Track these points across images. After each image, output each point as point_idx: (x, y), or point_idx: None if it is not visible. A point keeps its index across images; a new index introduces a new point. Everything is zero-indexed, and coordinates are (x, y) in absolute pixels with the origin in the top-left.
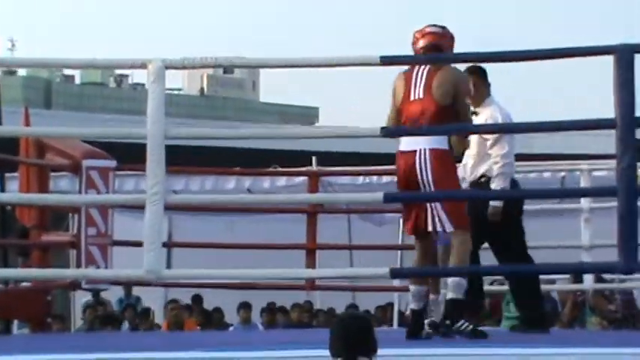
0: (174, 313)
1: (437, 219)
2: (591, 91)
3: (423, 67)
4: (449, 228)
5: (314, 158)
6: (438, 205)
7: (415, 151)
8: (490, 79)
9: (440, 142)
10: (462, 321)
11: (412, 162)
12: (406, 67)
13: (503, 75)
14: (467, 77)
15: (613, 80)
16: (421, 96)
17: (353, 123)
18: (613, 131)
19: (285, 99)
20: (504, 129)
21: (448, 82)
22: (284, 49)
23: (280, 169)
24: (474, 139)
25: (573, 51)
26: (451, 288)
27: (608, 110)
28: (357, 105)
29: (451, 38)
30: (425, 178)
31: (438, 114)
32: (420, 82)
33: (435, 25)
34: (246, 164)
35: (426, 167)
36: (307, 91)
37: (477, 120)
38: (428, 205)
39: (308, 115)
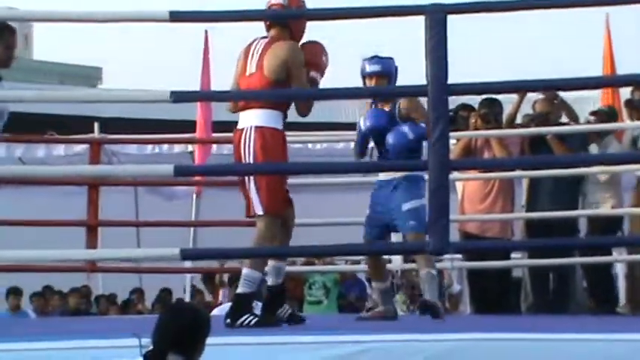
0: None
1: (252, 202)
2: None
3: (261, 40)
4: (259, 211)
5: (96, 124)
6: (253, 187)
7: (243, 129)
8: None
9: (268, 120)
10: (284, 306)
11: (238, 141)
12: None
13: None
14: (301, 51)
15: (424, 44)
16: (254, 70)
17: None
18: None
19: (64, 57)
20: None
21: (278, 57)
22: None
23: (58, 136)
24: None
25: (381, 10)
26: (242, 283)
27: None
28: (146, 67)
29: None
30: (247, 158)
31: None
32: (255, 56)
33: None
34: (17, 130)
35: (248, 146)
36: (90, 50)
37: None
38: (248, 187)
39: (90, 76)
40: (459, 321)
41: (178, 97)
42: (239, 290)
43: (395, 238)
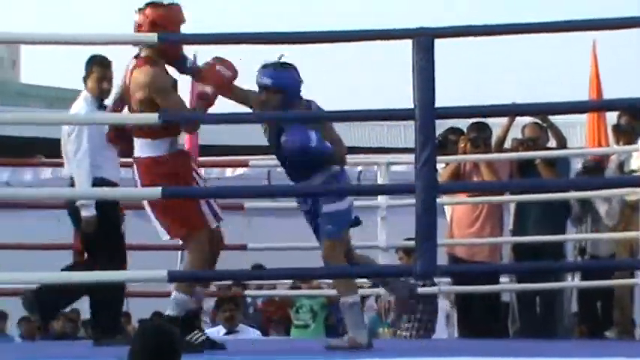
0: None
1: (165, 227)
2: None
3: (132, 60)
4: (165, 237)
5: None
6: (152, 215)
7: (135, 158)
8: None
9: (151, 148)
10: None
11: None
12: None
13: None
14: (163, 73)
15: (411, 67)
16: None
17: None
18: (412, 123)
19: (52, 81)
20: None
21: (139, 85)
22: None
23: (45, 159)
24: None
25: (369, 34)
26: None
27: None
28: None
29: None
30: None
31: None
32: (125, 81)
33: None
34: (4, 154)
35: (137, 177)
36: (79, 73)
37: None
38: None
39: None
40: (447, 344)
41: (166, 118)
42: (169, 313)
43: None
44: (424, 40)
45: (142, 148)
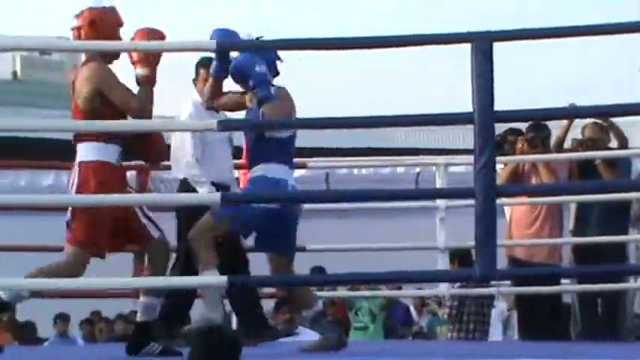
0: None
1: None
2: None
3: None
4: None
5: None
6: (69, 216)
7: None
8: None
9: (91, 153)
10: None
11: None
12: None
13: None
14: (108, 69)
15: (470, 71)
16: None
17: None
18: (471, 126)
19: None
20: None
21: (85, 82)
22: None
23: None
24: None
25: (427, 39)
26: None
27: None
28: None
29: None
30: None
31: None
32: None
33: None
34: (67, 158)
35: (74, 181)
36: (129, 78)
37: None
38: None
39: None
40: (507, 346)
41: (226, 126)
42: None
43: None
44: (483, 44)
45: (83, 152)
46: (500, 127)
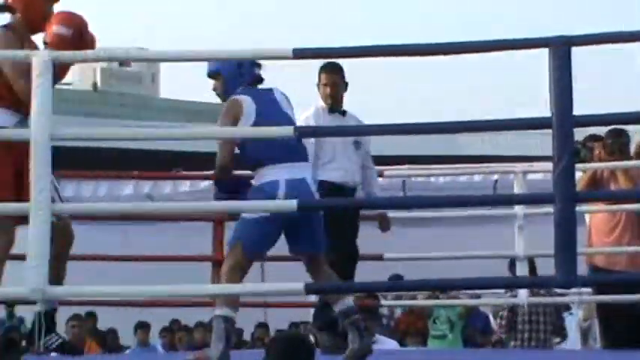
0: (75, 332)
1: None
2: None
3: None
4: None
5: None
6: None
7: None
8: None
9: None
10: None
11: None
12: None
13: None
14: (7, 37)
15: (548, 76)
16: None
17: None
18: (549, 131)
19: (189, 95)
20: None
21: None
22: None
23: (184, 172)
24: None
25: (504, 44)
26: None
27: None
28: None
29: None
30: None
31: None
32: None
33: None
34: (145, 167)
35: None
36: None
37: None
38: None
39: (217, 113)
40: (589, 356)
41: (302, 132)
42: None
43: None
44: (561, 49)
45: None
46: (580, 133)
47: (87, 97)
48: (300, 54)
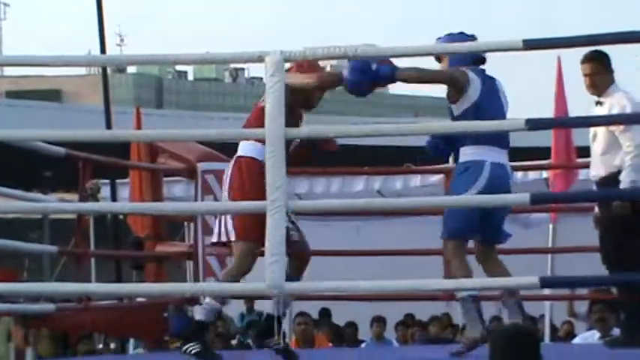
0: (302, 329)
1: (223, 229)
2: None
3: None
4: (233, 238)
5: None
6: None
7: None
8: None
9: (247, 149)
10: (192, 343)
11: None
12: None
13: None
14: None
15: None
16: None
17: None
18: None
19: (416, 90)
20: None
21: None
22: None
23: (414, 167)
24: (600, 133)
25: (621, 36)
26: (200, 309)
27: None
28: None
29: None
30: (226, 184)
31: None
32: None
33: None
34: (375, 163)
35: (228, 174)
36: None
37: (601, 110)
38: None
39: (443, 107)
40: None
41: (534, 124)
42: (196, 317)
43: None
44: None
45: (242, 148)
46: None
47: None
48: (530, 45)
